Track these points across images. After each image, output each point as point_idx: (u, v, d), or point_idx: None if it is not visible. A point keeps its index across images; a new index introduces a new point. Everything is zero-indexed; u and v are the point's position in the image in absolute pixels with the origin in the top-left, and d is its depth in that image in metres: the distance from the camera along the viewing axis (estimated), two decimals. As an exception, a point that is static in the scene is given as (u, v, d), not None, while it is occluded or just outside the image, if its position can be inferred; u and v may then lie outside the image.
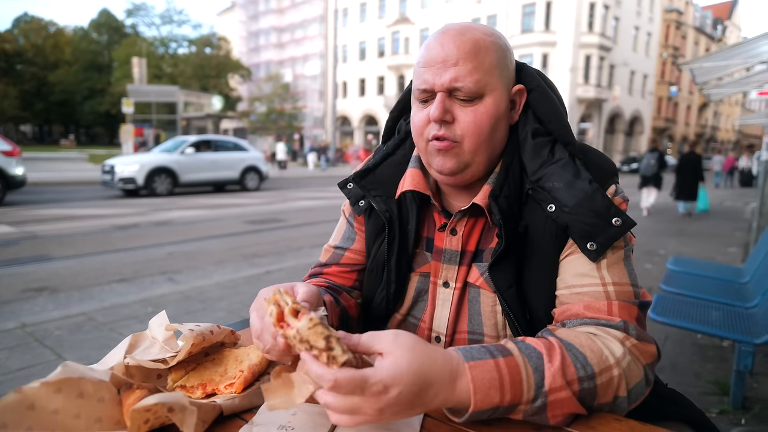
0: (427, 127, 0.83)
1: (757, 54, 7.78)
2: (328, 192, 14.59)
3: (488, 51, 0.81)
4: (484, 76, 0.80)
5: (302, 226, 8.11)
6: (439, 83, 0.79)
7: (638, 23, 42.51)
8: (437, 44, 0.81)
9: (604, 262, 0.79)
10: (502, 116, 0.84)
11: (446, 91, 0.80)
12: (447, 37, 0.81)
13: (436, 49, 0.80)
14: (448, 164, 0.83)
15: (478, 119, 0.80)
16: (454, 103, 0.81)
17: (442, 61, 0.79)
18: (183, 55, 50.49)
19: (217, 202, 11.16)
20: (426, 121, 0.83)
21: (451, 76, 0.78)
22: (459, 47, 0.79)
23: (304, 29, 50.99)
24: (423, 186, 0.90)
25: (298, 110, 42.62)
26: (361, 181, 0.98)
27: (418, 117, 0.85)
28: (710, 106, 58.72)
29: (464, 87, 0.79)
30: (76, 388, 0.56)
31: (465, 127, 0.81)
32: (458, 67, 0.78)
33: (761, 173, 5.21)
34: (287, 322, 0.58)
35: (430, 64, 0.81)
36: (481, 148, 0.83)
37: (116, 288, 4.31)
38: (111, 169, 11.67)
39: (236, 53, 52.65)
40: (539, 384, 0.64)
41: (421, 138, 0.85)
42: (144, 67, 27.66)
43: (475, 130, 0.81)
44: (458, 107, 0.81)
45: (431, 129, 0.82)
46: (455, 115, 0.81)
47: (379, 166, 0.99)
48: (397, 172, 0.97)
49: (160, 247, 6.11)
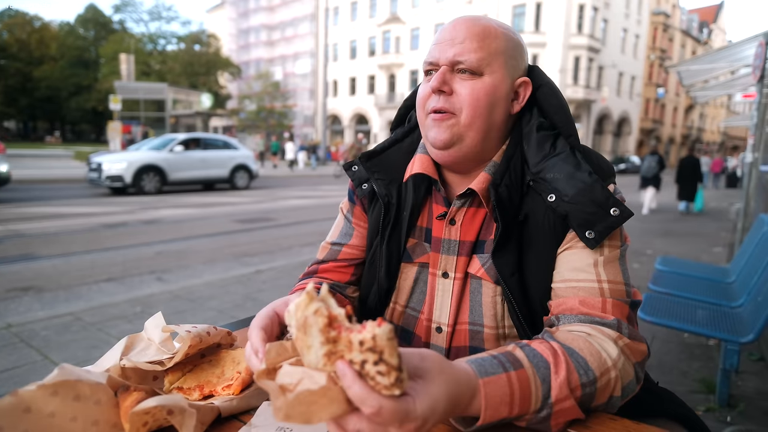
0: (429, 99, 0.86)
1: (741, 57, 7.93)
2: (318, 191, 14.55)
3: (496, 37, 0.85)
4: (487, 57, 0.84)
5: (292, 225, 8.09)
6: (444, 57, 0.85)
7: (626, 25, 42.99)
8: (450, 26, 0.87)
9: (601, 259, 0.80)
10: (500, 99, 0.86)
11: (449, 65, 0.84)
12: (460, 21, 0.87)
13: (447, 30, 0.86)
14: (442, 135, 0.85)
15: (475, 92, 0.84)
16: (455, 77, 0.85)
17: (450, 39, 0.85)
18: (172, 52, 50.04)
19: (207, 201, 11.08)
20: (428, 94, 0.87)
21: (455, 51, 0.84)
22: (468, 29, 0.84)
23: (295, 27, 50.77)
24: (431, 171, 0.92)
25: (289, 109, 42.46)
26: (367, 162, 0.99)
27: (422, 89, 0.89)
28: (696, 108, 59.61)
29: (466, 61, 0.83)
30: (72, 390, 0.56)
31: (462, 99, 0.84)
32: (463, 44, 0.83)
33: (746, 174, 5.30)
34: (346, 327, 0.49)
35: (439, 42, 0.86)
36: (475, 122, 0.84)
37: (104, 287, 4.26)
38: (98, 166, 11.51)
39: (226, 51, 52.28)
40: (546, 395, 0.65)
41: (422, 111, 0.89)
42: (132, 64, 27.35)
43: (471, 102, 0.83)
44: (458, 81, 0.85)
45: (431, 101, 0.86)
46: (454, 88, 0.85)
47: (386, 150, 1.01)
48: (403, 158, 0.98)
49: (149, 246, 6.05)
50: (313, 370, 0.49)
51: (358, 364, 0.47)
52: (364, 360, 0.47)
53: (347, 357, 0.48)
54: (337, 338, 0.48)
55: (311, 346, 0.49)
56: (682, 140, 57.44)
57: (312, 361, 0.50)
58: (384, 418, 0.48)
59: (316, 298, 0.50)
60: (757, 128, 4.92)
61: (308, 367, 0.50)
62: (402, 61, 43.84)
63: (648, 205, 11.05)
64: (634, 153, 44.85)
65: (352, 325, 0.49)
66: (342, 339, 0.48)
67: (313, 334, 0.49)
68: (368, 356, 0.47)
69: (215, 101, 37.24)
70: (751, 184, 5.01)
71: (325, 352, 0.49)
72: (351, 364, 0.48)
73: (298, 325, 0.50)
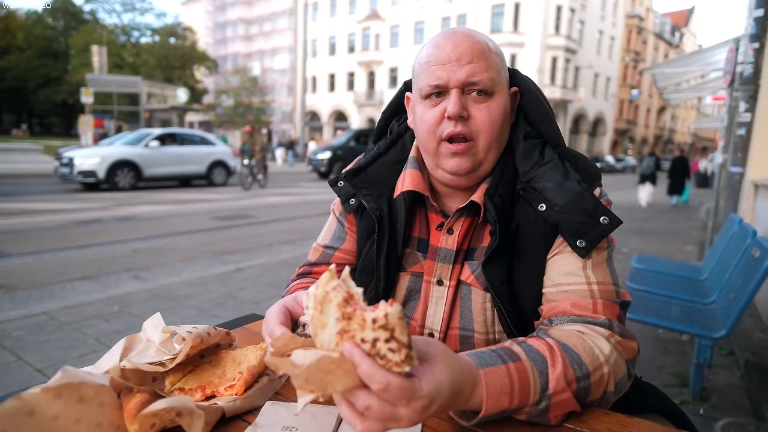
0: (440, 125, 0.84)
1: (712, 62, 8.21)
2: (298, 188, 14.45)
3: (494, 54, 0.85)
4: (495, 75, 0.83)
5: (272, 222, 8.01)
6: (455, 79, 0.82)
7: (602, 27, 43.91)
8: (449, 44, 0.83)
9: (589, 261, 0.82)
10: (507, 115, 0.88)
11: (461, 86, 0.82)
12: (459, 38, 0.83)
13: (449, 48, 0.83)
14: (464, 165, 0.85)
15: (492, 115, 0.83)
16: (468, 100, 0.83)
17: (457, 59, 0.82)
18: (146, 44, 48.82)
19: (184, 197, 10.87)
20: (439, 119, 0.84)
21: (467, 72, 0.81)
22: (472, 47, 0.82)
23: (273, 22, 50.16)
24: (423, 187, 0.91)
25: (267, 104, 41.96)
26: (353, 179, 0.98)
27: (430, 115, 0.85)
28: (668, 110, 61.34)
29: (481, 82, 0.82)
30: (76, 393, 0.55)
31: (480, 123, 0.83)
32: (473, 64, 0.81)
33: (716, 175, 5.49)
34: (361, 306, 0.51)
35: (443, 62, 0.82)
36: (493, 145, 0.85)
37: (79, 286, 4.15)
38: (70, 161, 11.18)
39: (202, 44, 51.30)
40: (544, 387, 0.66)
41: (432, 137, 0.86)
42: (104, 56, 26.56)
43: (490, 125, 0.83)
44: (472, 104, 0.83)
45: (445, 127, 0.83)
46: (470, 112, 0.83)
47: (370, 165, 1.00)
48: (389, 172, 0.98)
49: (125, 243, 5.91)
50: (326, 350, 0.51)
51: (370, 342, 0.49)
52: (375, 338, 0.49)
53: (359, 336, 0.50)
54: (352, 315, 0.50)
55: (326, 324, 0.52)
56: (654, 141, 59.04)
57: (325, 341, 0.52)
58: (392, 394, 0.50)
59: (335, 275, 0.53)
60: (727, 130, 5.10)
61: (320, 348, 0.52)
62: (381, 59, 43.79)
63: (646, 200, 12.49)
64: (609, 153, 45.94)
65: (366, 306, 0.51)
66: (356, 316, 0.50)
67: (330, 311, 0.51)
68: (380, 334, 0.49)
69: (191, 96, 36.53)
70: (721, 184, 5.20)
71: (339, 329, 0.51)
72: (362, 342, 0.50)
73: (316, 302, 0.52)
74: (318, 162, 18.28)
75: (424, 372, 0.54)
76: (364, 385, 0.51)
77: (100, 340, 2.97)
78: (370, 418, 0.51)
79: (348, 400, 0.52)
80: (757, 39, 4.32)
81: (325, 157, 17.79)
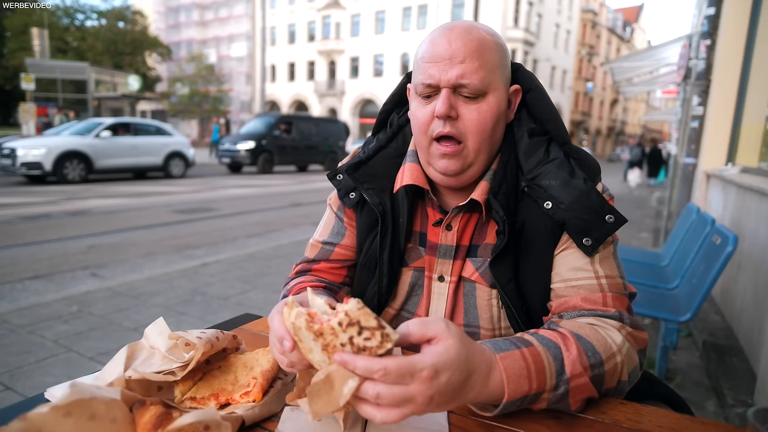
0: (432, 123, 0.83)
1: (663, 57, 8.60)
2: (260, 179, 14.13)
3: (492, 50, 0.82)
4: (488, 75, 0.81)
5: (236, 215, 7.79)
6: (446, 79, 0.80)
7: (559, 21, 45.09)
8: (444, 41, 0.81)
9: (597, 256, 0.83)
10: (501, 115, 0.86)
11: (452, 87, 0.80)
12: (454, 34, 0.81)
13: (443, 45, 0.80)
14: (453, 167, 0.84)
15: (482, 117, 0.82)
16: (458, 100, 0.82)
17: (450, 58, 0.79)
18: (92, 28, 45.93)
19: (140, 190, 10.42)
20: (430, 118, 0.83)
21: (458, 73, 0.79)
22: (466, 45, 0.80)
23: (229, 8, 48.56)
24: (422, 181, 0.90)
25: (224, 93, 40.67)
26: (354, 173, 0.95)
27: (422, 113, 0.84)
28: (620, 102, 63.94)
29: (470, 84, 0.80)
30: (87, 409, 0.50)
31: (469, 125, 0.82)
32: (465, 64, 0.79)
33: (671, 166, 5.75)
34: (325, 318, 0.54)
35: (436, 60, 0.81)
36: (483, 147, 0.84)
37: (30, 286, 3.90)
38: (11, 152, 10.47)
39: (154, 29, 48.96)
40: (560, 371, 0.66)
41: (424, 135, 0.85)
42: (46, 40, 24.91)
43: (478, 127, 0.82)
44: (462, 104, 0.82)
45: (436, 126, 0.82)
46: (459, 112, 0.82)
47: (371, 158, 0.97)
48: (390, 165, 0.96)
49: (79, 239, 5.60)
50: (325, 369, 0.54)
51: (348, 343, 0.52)
52: (350, 337, 0.52)
53: (337, 342, 0.52)
54: (322, 330, 0.53)
55: (311, 348, 0.54)
56: (607, 132, 61.46)
57: (318, 361, 0.55)
58: (394, 374, 0.51)
59: (294, 304, 0.56)
60: (681, 123, 5.35)
61: (319, 368, 0.55)
62: (342, 48, 43.31)
63: (636, 181, 16.28)
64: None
65: (328, 314, 0.55)
66: (326, 329, 0.52)
67: (305, 336, 0.54)
68: (351, 331, 0.51)
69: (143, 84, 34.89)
70: (675, 174, 5.46)
71: (321, 347, 0.53)
72: (343, 347, 0.52)
73: (293, 335, 0.56)
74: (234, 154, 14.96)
75: (432, 348, 0.56)
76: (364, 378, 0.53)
77: (59, 342, 2.81)
78: (384, 405, 0.53)
79: (360, 397, 0.53)
80: (709, 36, 4.53)
81: (247, 147, 14.95)
